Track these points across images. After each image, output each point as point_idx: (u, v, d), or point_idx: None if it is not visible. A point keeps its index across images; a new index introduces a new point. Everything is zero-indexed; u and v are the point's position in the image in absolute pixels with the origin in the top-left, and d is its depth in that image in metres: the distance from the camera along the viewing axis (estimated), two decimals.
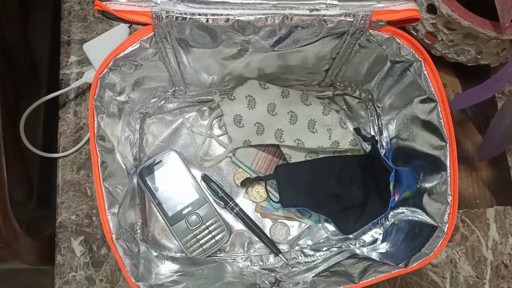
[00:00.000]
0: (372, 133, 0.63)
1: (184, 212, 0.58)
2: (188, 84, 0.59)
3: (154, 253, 0.55)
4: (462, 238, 0.63)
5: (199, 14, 0.43)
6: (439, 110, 0.46)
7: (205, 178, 0.60)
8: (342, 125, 0.62)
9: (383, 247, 0.57)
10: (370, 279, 0.45)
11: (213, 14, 0.43)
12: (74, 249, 0.59)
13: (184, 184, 0.59)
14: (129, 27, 0.64)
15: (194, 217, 0.58)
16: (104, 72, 0.45)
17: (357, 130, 0.62)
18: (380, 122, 0.62)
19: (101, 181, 0.44)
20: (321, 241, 0.60)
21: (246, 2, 0.44)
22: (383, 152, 0.61)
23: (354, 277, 0.47)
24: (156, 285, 0.46)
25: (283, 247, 0.60)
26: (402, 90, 0.53)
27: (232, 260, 0.59)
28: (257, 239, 0.59)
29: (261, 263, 0.59)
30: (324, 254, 0.59)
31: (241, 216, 0.59)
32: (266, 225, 0.60)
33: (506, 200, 0.65)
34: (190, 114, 0.62)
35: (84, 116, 0.63)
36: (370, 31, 0.47)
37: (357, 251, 0.58)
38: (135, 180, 0.58)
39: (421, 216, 0.50)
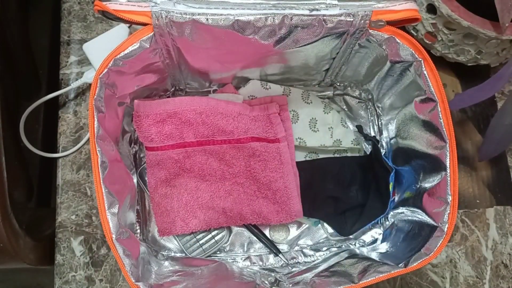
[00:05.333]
0: (372, 133, 0.63)
1: None
2: (188, 84, 0.59)
3: (154, 253, 0.55)
4: (462, 238, 0.63)
5: (199, 14, 0.43)
6: (439, 110, 0.46)
7: None
8: (344, 123, 0.62)
9: (383, 247, 0.57)
10: (370, 279, 0.45)
11: (213, 14, 0.43)
12: (74, 249, 0.59)
13: None
14: (129, 27, 0.64)
15: None
16: (104, 72, 0.45)
17: (359, 128, 0.62)
18: (380, 122, 0.62)
19: (101, 181, 0.44)
20: (321, 241, 0.60)
21: (246, 2, 0.44)
22: (383, 152, 0.61)
23: (354, 277, 0.47)
24: (156, 285, 0.46)
25: (283, 247, 0.60)
26: (402, 90, 0.53)
27: (232, 260, 0.59)
28: (257, 239, 0.59)
29: (261, 263, 0.59)
30: (324, 254, 0.59)
31: None
32: (266, 225, 0.60)
33: (506, 200, 0.65)
34: None
35: (84, 116, 0.63)
36: (370, 31, 0.47)
37: (357, 251, 0.58)
38: (135, 180, 0.58)
39: (421, 216, 0.50)
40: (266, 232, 0.60)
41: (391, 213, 0.58)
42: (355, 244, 0.60)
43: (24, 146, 0.62)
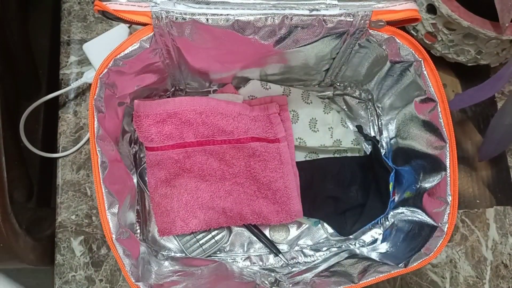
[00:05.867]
0: (372, 133, 0.63)
1: None
2: (188, 84, 0.59)
3: (154, 253, 0.55)
4: (462, 238, 0.63)
5: (199, 14, 0.43)
6: (439, 110, 0.46)
7: None
8: (343, 124, 0.62)
9: (383, 247, 0.57)
10: (370, 279, 0.45)
11: (213, 14, 0.43)
12: (74, 249, 0.59)
13: None
14: (129, 27, 0.64)
15: None
16: (104, 72, 0.45)
17: (359, 128, 0.62)
18: (380, 122, 0.62)
19: (101, 181, 0.44)
20: (321, 241, 0.60)
21: (246, 2, 0.44)
22: (383, 152, 0.61)
23: (354, 277, 0.47)
24: (156, 285, 0.46)
25: (283, 247, 0.60)
26: (402, 90, 0.53)
27: (232, 260, 0.59)
28: (257, 239, 0.59)
29: (261, 263, 0.59)
30: (324, 254, 0.59)
31: None
32: (266, 225, 0.60)
33: (506, 200, 0.65)
34: None
35: (84, 116, 0.63)
36: (370, 31, 0.47)
37: (357, 251, 0.58)
38: (135, 180, 0.58)
39: (421, 216, 0.50)
40: (266, 232, 0.60)
41: (391, 213, 0.58)
42: (355, 244, 0.60)
43: (24, 146, 0.62)
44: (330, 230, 0.60)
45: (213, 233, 0.58)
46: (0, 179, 0.52)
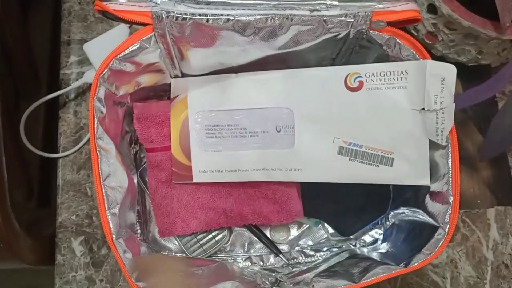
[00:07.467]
0: None
1: None
2: None
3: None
4: (462, 238, 0.63)
5: (199, 15, 0.43)
6: None
7: None
8: None
9: (384, 247, 0.57)
10: (370, 279, 0.45)
11: (213, 15, 0.43)
12: (74, 249, 0.59)
13: None
14: (129, 27, 0.64)
15: None
16: (104, 72, 0.44)
17: None
18: None
19: (101, 181, 0.44)
20: (321, 241, 0.60)
21: (246, 3, 0.44)
22: None
23: (355, 277, 0.46)
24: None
25: (284, 247, 0.60)
26: None
27: (233, 261, 0.59)
28: (257, 239, 0.59)
29: (261, 263, 0.59)
30: (324, 254, 0.59)
31: None
32: (267, 225, 0.60)
33: (506, 200, 0.65)
34: None
35: (84, 116, 0.63)
36: (371, 31, 0.47)
37: (358, 251, 0.58)
38: (135, 180, 0.58)
39: (422, 217, 0.50)
40: (267, 232, 0.60)
41: (392, 213, 0.58)
42: (355, 244, 0.60)
43: (24, 146, 0.62)
44: (331, 230, 0.60)
45: (213, 233, 0.58)
46: (0, 179, 0.52)
